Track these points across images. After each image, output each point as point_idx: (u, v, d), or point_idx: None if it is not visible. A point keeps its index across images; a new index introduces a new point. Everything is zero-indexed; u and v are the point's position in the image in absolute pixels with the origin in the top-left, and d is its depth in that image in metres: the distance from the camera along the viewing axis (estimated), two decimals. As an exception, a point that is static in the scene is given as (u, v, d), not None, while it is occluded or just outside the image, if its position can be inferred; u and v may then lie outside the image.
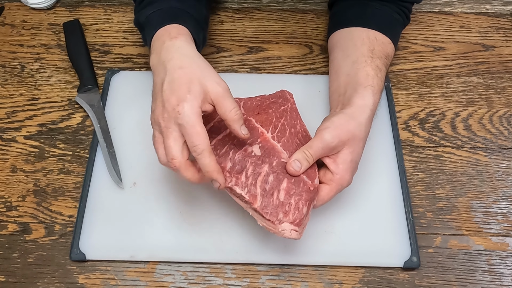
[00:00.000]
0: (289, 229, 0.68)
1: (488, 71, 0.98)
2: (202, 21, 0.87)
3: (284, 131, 0.77)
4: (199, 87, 0.68)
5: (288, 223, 0.68)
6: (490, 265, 0.78)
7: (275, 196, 0.70)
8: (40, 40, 1.01)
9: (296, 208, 0.69)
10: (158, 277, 0.76)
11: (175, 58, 0.72)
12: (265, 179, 0.71)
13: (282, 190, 0.70)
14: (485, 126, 0.91)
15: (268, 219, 0.69)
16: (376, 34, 0.85)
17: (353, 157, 0.73)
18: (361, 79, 0.79)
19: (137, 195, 0.82)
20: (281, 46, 1.01)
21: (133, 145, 0.86)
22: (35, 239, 0.79)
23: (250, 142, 0.74)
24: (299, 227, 0.69)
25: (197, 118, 0.66)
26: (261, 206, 0.69)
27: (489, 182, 0.85)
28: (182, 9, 0.82)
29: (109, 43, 1.01)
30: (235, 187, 0.70)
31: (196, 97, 0.67)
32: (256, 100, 0.81)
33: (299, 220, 0.69)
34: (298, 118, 0.80)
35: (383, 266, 0.77)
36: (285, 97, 0.82)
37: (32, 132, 0.89)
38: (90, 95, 0.91)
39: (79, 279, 0.76)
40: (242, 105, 0.80)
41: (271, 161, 0.72)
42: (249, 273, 0.77)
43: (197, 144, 0.66)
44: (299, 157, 0.71)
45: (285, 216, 0.69)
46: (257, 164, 0.72)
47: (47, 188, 0.83)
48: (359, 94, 0.77)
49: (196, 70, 0.70)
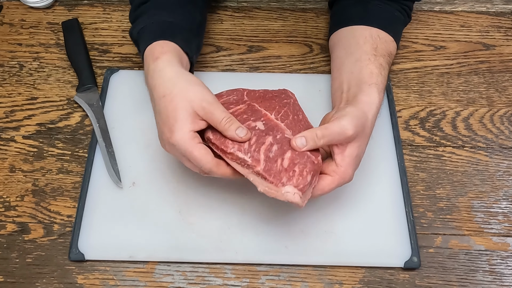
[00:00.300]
0: (292, 192, 0.66)
1: (489, 70, 0.98)
2: (196, 28, 0.87)
3: (287, 116, 0.75)
4: (184, 112, 0.69)
5: (291, 186, 0.66)
6: (491, 265, 0.78)
7: (279, 162, 0.68)
8: (38, 39, 1.01)
9: (300, 174, 0.67)
10: (157, 277, 0.76)
11: (157, 86, 0.72)
12: (268, 148, 0.69)
13: (286, 159, 0.68)
14: (486, 126, 0.91)
15: (271, 181, 0.67)
16: (379, 32, 0.85)
17: (358, 152, 0.72)
18: (365, 77, 0.78)
19: (136, 195, 0.82)
20: (281, 45, 1.00)
21: (132, 145, 0.86)
22: (34, 239, 0.79)
23: (253, 119, 0.73)
24: (303, 193, 0.67)
25: (191, 143, 0.68)
26: (264, 168, 0.67)
27: (490, 182, 0.85)
28: (170, 21, 0.83)
29: (108, 42, 1.01)
30: (237, 152, 0.69)
31: (185, 123, 0.69)
32: (259, 92, 0.80)
33: (303, 185, 0.67)
34: (301, 110, 0.79)
35: (383, 266, 0.77)
36: (287, 94, 0.82)
37: (30, 131, 0.89)
38: (89, 95, 0.91)
39: (78, 279, 0.76)
40: (245, 93, 0.79)
41: (275, 134, 0.71)
42: (248, 273, 0.76)
43: (201, 166, 0.69)
44: (306, 135, 0.69)
45: (289, 180, 0.67)
46: (261, 136, 0.70)
47: (46, 188, 0.83)
48: (364, 91, 0.76)
49: (178, 94, 0.70)
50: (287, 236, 0.78)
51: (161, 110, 0.71)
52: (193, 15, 0.87)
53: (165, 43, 0.78)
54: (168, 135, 0.69)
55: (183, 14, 0.85)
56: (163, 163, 0.84)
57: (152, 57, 0.76)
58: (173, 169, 0.83)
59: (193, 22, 0.86)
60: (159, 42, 0.78)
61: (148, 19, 0.83)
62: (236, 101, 0.76)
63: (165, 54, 0.76)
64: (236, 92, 0.79)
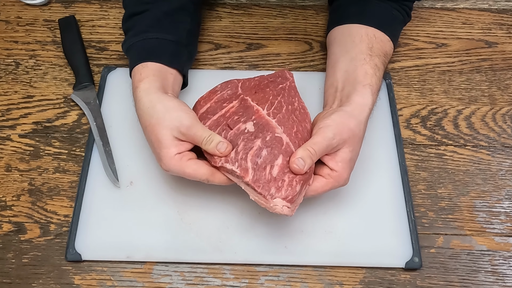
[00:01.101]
0: (281, 205, 0.68)
1: (491, 68, 0.98)
2: (186, 37, 0.86)
3: (280, 107, 0.76)
4: (166, 138, 0.72)
5: (280, 199, 0.68)
6: (493, 266, 0.78)
7: (268, 170, 0.69)
8: (35, 36, 1.01)
9: (289, 185, 0.69)
10: (155, 278, 0.76)
11: (140, 116, 0.77)
12: (256, 153, 0.71)
13: (276, 166, 0.70)
14: (488, 124, 0.91)
15: (260, 193, 0.69)
16: (375, 31, 0.85)
17: (352, 156, 0.73)
18: (360, 77, 0.79)
19: (134, 194, 0.82)
20: (280, 43, 1.00)
21: (130, 144, 0.86)
22: (30, 239, 0.79)
23: (244, 120, 0.74)
24: (292, 204, 0.68)
25: (180, 164, 0.72)
26: (252, 179, 0.69)
27: (492, 181, 0.85)
28: (156, 38, 0.84)
29: (105, 39, 1.00)
30: (225, 164, 0.71)
31: (169, 148, 0.72)
32: (254, 80, 0.81)
33: (292, 196, 0.68)
34: (296, 95, 0.80)
35: (384, 266, 0.77)
36: (284, 76, 0.82)
37: (27, 130, 0.89)
38: (86, 93, 0.91)
39: (75, 279, 0.76)
40: (240, 85, 0.80)
41: (264, 135, 0.72)
42: (247, 274, 0.76)
43: (198, 178, 0.72)
44: (303, 155, 0.70)
45: (278, 192, 0.68)
46: (249, 140, 0.72)
47: (42, 187, 0.83)
48: (358, 92, 0.77)
49: (156, 123, 0.73)
50: (286, 236, 0.78)
51: (148, 138, 0.76)
52: (182, 25, 0.87)
53: (145, 67, 0.80)
54: (159, 161, 0.74)
55: (170, 26, 0.85)
56: (161, 162, 0.84)
57: (133, 85, 0.79)
58: (171, 168, 0.83)
59: (182, 32, 0.86)
60: (138, 67, 0.80)
61: (135, 36, 0.84)
62: (229, 97, 0.78)
63: (142, 82, 0.78)
64: (230, 85, 0.80)
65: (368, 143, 0.85)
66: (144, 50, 0.82)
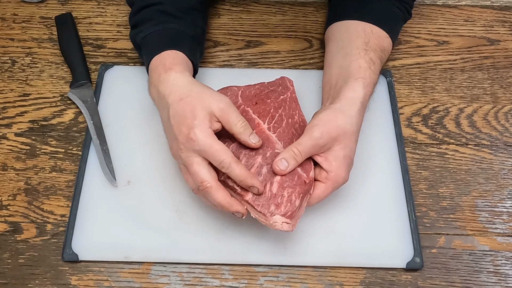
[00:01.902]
0: (280, 222, 0.68)
1: (493, 66, 0.98)
2: (199, 35, 0.88)
3: (281, 121, 0.77)
4: (202, 111, 0.71)
5: (279, 216, 0.68)
6: (495, 266, 0.78)
7: (268, 188, 0.70)
8: (31, 34, 1.00)
9: (288, 200, 0.69)
10: (153, 278, 0.76)
11: (173, 92, 0.74)
12: (258, 171, 0.71)
13: (275, 182, 0.70)
14: (490, 123, 0.91)
15: (260, 211, 0.69)
16: (373, 27, 0.85)
17: (345, 153, 0.73)
18: (353, 71, 0.79)
19: (131, 193, 0.81)
20: (280, 40, 1.00)
21: (127, 142, 0.86)
22: (26, 239, 0.79)
23: None
24: (291, 219, 0.69)
25: (211, 137, 0.69)
26: (252, 198, 0.70)
27: (494, 181, 0.85)
28: (177, 29, 0.83)
29: (103, 37, 1.00)
30: (227, 180, 0.71)
31: (204, 120, 0.70)
32: (254, 88, 0.82)
33: (291, 212, 0.69)
34: (297, 108, 0.80)
35: (385, 267, 0.77)
36: (285, 85, 0.82)
37: (23, 129, 0.89)
38: (83, 91, 0.91)
39: (72, 280, 0.75)
40: (240, 93, 0.80)
41: (264, 152, 0.73)
42: (246, 274, 0.76)
43: (222, 159, 0.69)
44: (285, 156, 0.71)
45: (277, 209, 0.69)
46: (251, 156, 0.73)
47: (39, 186, 0.83)
48: (349, 86, 0.77)
49: (195, 96, 0.72)
50: (286, 236, 0.78)
51: (177, 112, 0.72)
52: (197, 23, 0.88)
53: (175, 54, 0.79)
54: (186, 133, 0.70)
55: (188, 21, 0.86)
56: (159, 161, 0.84)
57: (164, 67, 0.77)
58: (170, 168, 0.83)
59: (197, 29, 0.87)
60: (168, 53, 0.79)
61: (154, 26, 0.83)
62: None
63: (177, 66, 0.77)
64: (230, 92, 0.80)
65: (369, 142, 0.85)
66: (167, 38, 0.82)
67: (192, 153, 0.70)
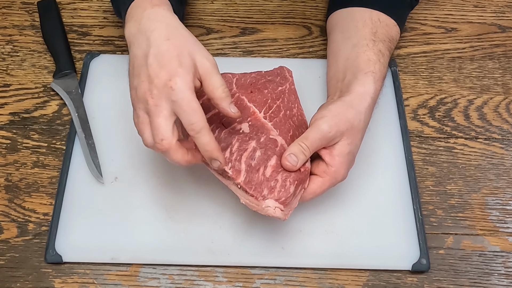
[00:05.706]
0: (273, 206, 0.68)
1: (504, 55, 0.98)
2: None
3: (278, 112, 0.77)
4: (189, 61, 0.68)
5: (272, 200, 0.68)
6: (507, 268, 0.78)
7: (261, 172, 0.70)
8: (12, 20, 1.00)
9: (282, 185, 0.69)
10: (142, 281, 0.76)
11: (159, 28, 0.70)
12: (251, 155, 0.71)
13: (269, 166, 0.70)
14: (501, 115, 0.91)
15: (252, 195, 0.69)
16: (380, 15, 0.84)
17: (351, 149, 0.73)
18: (361, 65, 0.79)
19: (118, 191, 0.81)
20: (277, 27, 1.00)
21: (115, 136, 0.86)
22: (7, 240, 0.79)
23: (239, 120, 0.74)
24: (285, 206, 0.68)
25: (192, 93, 0.66)
26: (244, 181, 0.69)
27: (506, 177, 0.85)
28: None
29: (88, 23, 1.00)
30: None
31: (188, 71, 0.67)
32: (250, 76, 0.81)
33: (285, 198, 0.68)
34: (297, 101, 0.80)
35: (389, 269, 0.77)
36: (283, 75, 0.82)
37: (3, 121, 0.88)
38: (67, 81, 0.91)
39: (55, 283, 0.75)
40: (235, 81, 0.80)
41: (259, 137, 0.73)
42: (241, 277, 0.76)
43: (195, 121, 0.66)
44: (294, 151, 0.70)
45: (270, 193, 0.68)
46: (244, 141, 0.72)
47: (20, 183, 0.83)
48: (359, 80, 0.77)
49: (185, 42, 0.70)
50: (284, 236, 0.78)
51: (161, 52, 0.68)
52: None
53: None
54: (165, 78, 0.66)
55: None
56: (148, 156, 0.84)
57: (151, 3, 0.74)
58: (159, 163, 0.83)
59: None
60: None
61: None
62: None
63: (165, 5, 0.75)
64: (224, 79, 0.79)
65: (372, 136, 0.85)
66: None
67: (163, 103, 0.66)
